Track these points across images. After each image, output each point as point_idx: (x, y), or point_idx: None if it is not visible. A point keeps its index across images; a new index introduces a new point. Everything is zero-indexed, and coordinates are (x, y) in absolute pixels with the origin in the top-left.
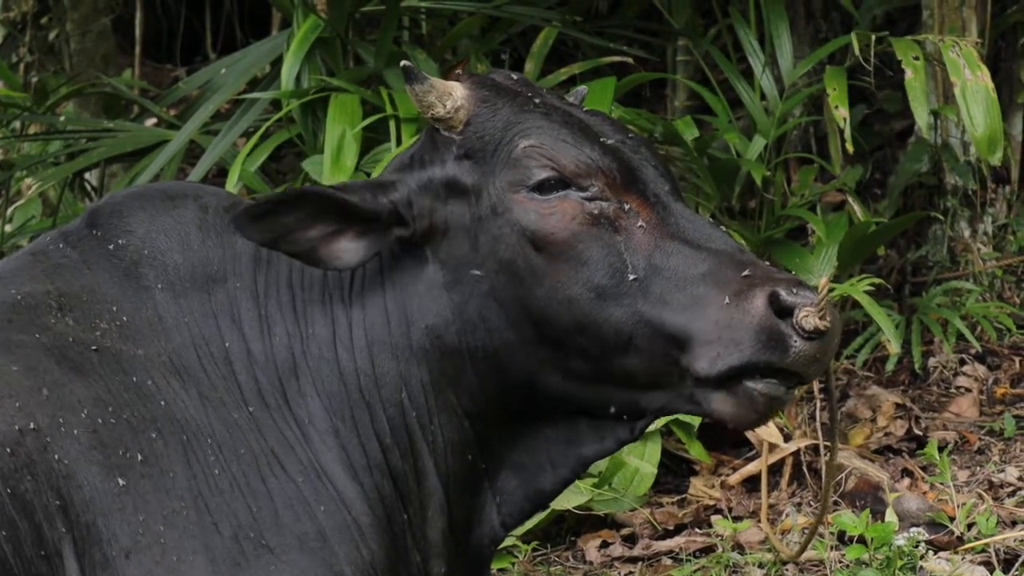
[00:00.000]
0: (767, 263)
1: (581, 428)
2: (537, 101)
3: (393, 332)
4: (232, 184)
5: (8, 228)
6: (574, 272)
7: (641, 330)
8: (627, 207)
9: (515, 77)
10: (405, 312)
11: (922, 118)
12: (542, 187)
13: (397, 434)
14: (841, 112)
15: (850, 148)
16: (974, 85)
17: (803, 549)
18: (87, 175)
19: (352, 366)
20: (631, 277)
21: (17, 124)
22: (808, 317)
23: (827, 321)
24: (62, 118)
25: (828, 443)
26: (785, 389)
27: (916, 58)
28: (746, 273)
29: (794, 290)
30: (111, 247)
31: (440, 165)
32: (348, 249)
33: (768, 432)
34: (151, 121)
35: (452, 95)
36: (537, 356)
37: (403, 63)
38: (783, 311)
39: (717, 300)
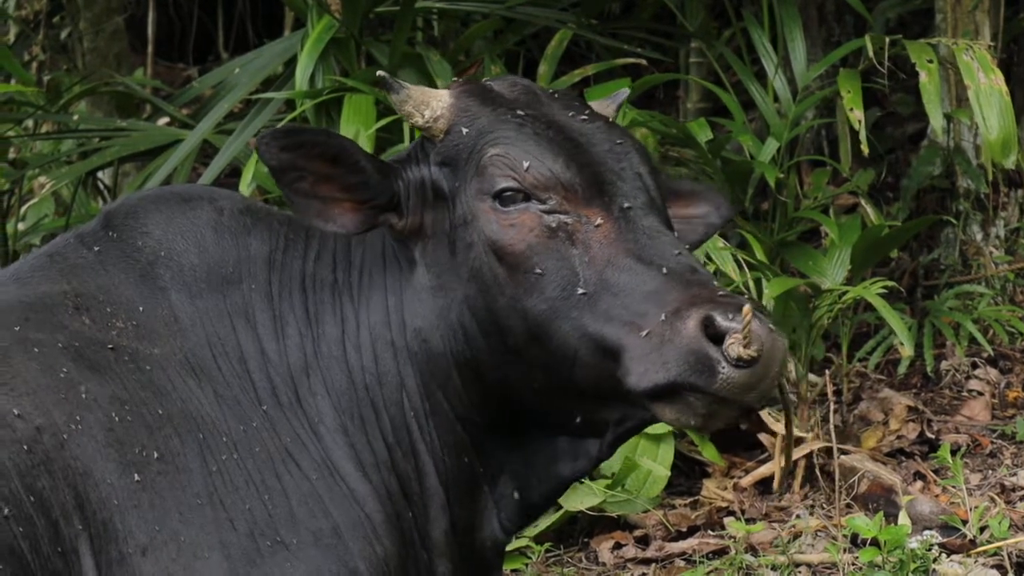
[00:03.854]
0: (719, 285)
1: (560, 445)
2: (520, 112)
3: (393, 332)
4: (246, 184)
5: (21, 226)
6: (530, 284)
7: (585, 344)
8: (587, 221)
9: (519, 84)
10: (402, 313)
11: (936, 121)
12: (503, 197)
13: (398, 434)
14: (856, 114)
15: (865, 150)
16: (988, 89)
17: None
18: (100, 174)
19: (359, 364)
20: (580, 292)
21: (30, 123)
22: (733, 345)
23: (752, 350)
24: (75, 117)
25: (840, 446)
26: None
27: (930, 61)
28: (690, 293)
29: (730, 315)
30: (127, 248)
31: (427, 168)
32: (340, 217)
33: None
34: (164, 120)
35: (431, 105)
36: (505, 366)
37: (379, 73)
38: (717, 336)
39: (654, 318)
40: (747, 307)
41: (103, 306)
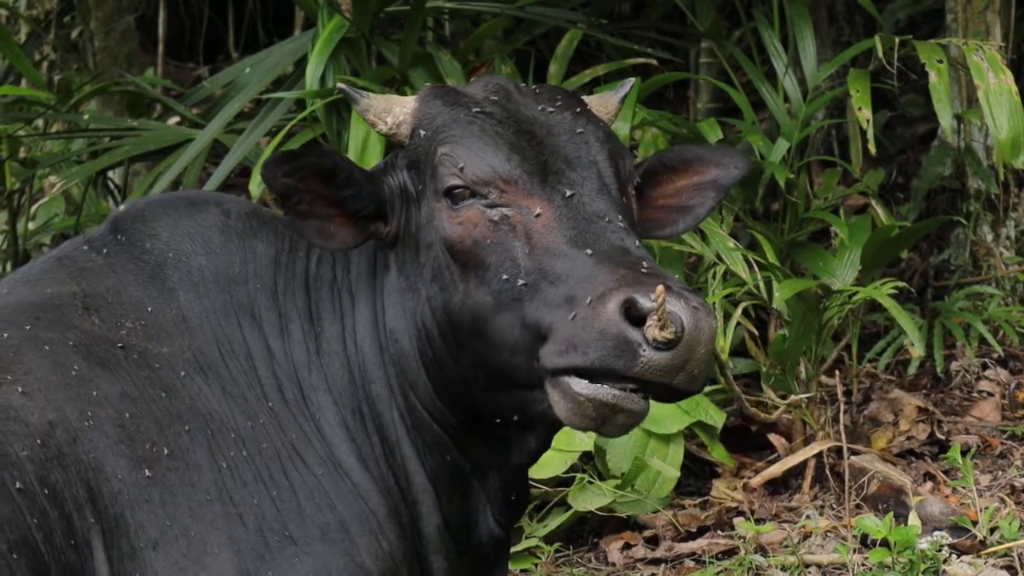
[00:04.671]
0: (651, 266)
1: (514, 437)
2: (476, 109)
3: (379, 331)
4: (255, 184)
5: (31, 226)
6: (478, 279)
7: (523, 332)
8: (528, 211)
9: (493, 83)
10: (385, 313)
11: (946, 120)
12: (453, 195)
13: (388, 430)
14: (864, 113)
15: (872, 149)
16: (998, 89)
17: None
18: (110, 173)
19: (357, 360)
20: (520, 283)
21: (41, 122)
22: (651, 327)
23: (668, 332)
24: (85, 116)
25: (850, 446)
26: (628, 393)
27: (940, 61)
28: (616, 276)
29: (651, 296)
30: (136, 250)
31: (401, 172)
32: (338, 234)
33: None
34: (174, 120)
35: (393, 112)
36: (459, 362)
37: (339, 85)
38: (640, 318)
39: (581, 303)
40: (660, 287)
41: (112, 306)
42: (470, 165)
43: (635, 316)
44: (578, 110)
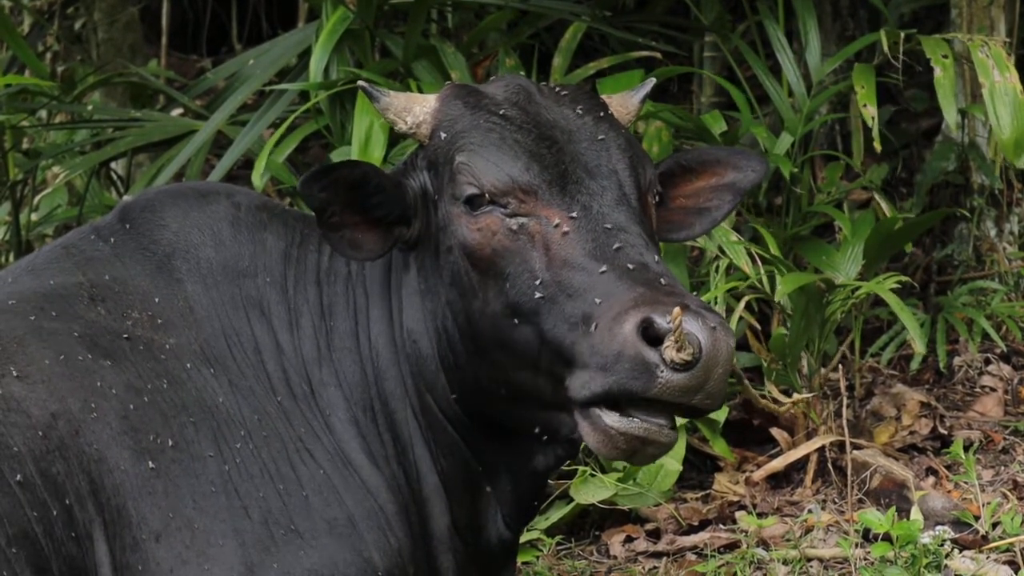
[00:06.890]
0: (669, 283)
1: (535, 444)
2: (500, 113)
3: (395, 330)
4: (258, 175)
5: (34, 217)
6: (497, 288)
7: (543, 349)
8: (547, 222)
9: (514, 83)
10: (401, 313)
11: (950, 115)
12: (471, 203)
13: (401, 428)
14: (869, 110)
15: (877, 146)
16: (1002, 87)
17: None
18: (113, 164)
19: (370, 357)
20: (538, 295)
21: (44, 113)
22: (668, 348)
23: (685, 354)
24: (89, 107)
25: (853, 440)
26: (658, 427)
27: (945, 56)
28: (634, 295)
29: (668, 317)
30: (144, 240)
31: (421, 174)
32: (366, 243)
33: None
34: (177, 111)
35: (413, 111)
36: (480, 370)
37: (359, 83)
38: (657, 338)
39: (598, 321)
40: (677, 308)
41: (119, 297)
42: (488, 175)
43: (652, 336)
44: (600, 114)
